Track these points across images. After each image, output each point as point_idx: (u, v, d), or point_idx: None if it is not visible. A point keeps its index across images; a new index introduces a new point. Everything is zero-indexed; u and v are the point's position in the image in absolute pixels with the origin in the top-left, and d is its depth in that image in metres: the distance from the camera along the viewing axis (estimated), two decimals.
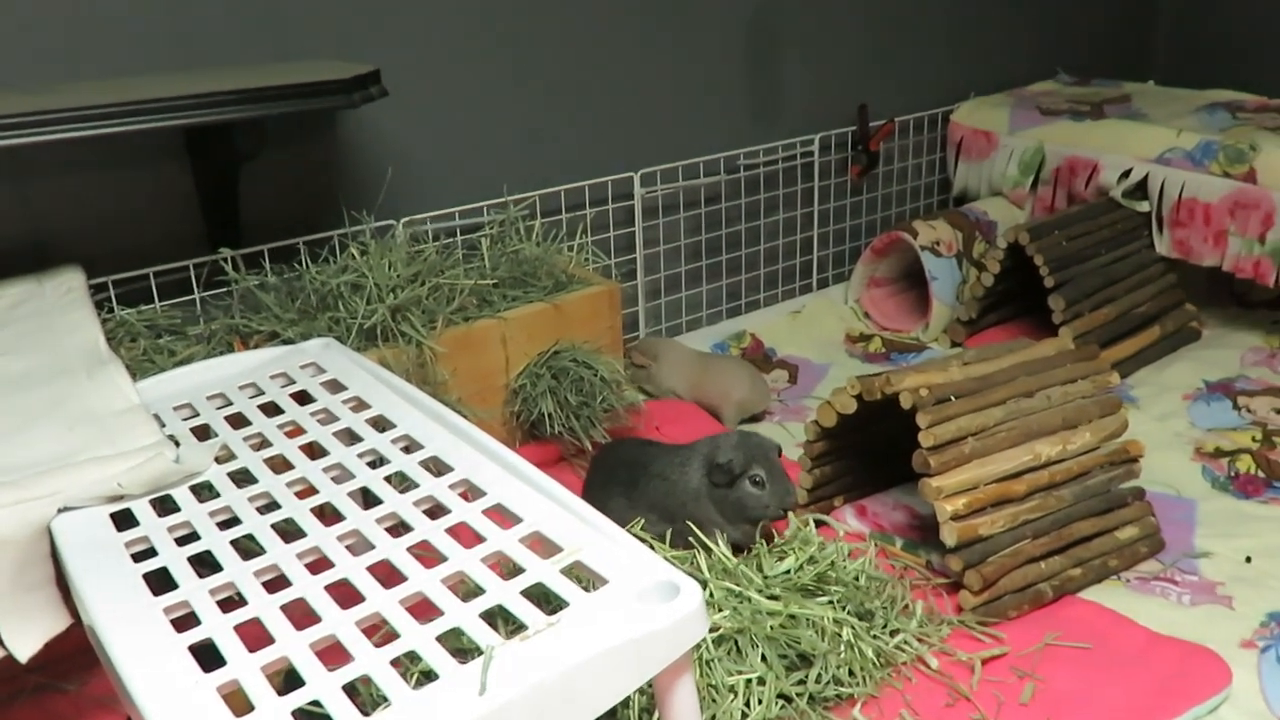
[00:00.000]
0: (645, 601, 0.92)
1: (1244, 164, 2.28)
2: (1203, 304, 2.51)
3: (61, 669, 1.42)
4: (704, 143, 2.43)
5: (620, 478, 1.66)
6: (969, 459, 1.53)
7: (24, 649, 1.13)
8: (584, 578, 0.98)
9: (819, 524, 1.55)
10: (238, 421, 1.31)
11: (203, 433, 1.30)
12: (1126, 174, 2.46)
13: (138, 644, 0.92)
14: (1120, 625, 1.49)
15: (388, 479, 1.16)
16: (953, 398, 1.57)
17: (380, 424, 1.28)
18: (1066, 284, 2.27)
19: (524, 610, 0.92)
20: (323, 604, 0.96)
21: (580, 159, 2.26)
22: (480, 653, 0.86)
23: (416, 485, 1.14)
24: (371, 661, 0.88)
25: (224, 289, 1.79)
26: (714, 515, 1.55)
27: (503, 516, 1.07)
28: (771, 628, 1.29)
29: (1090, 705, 1.34)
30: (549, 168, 2.22)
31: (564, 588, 0.95)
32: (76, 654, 1.32)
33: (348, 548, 1.04)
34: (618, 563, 0.97)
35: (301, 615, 0.94)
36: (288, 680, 0.87)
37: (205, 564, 1.04)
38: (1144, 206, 2.45)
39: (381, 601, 0.95)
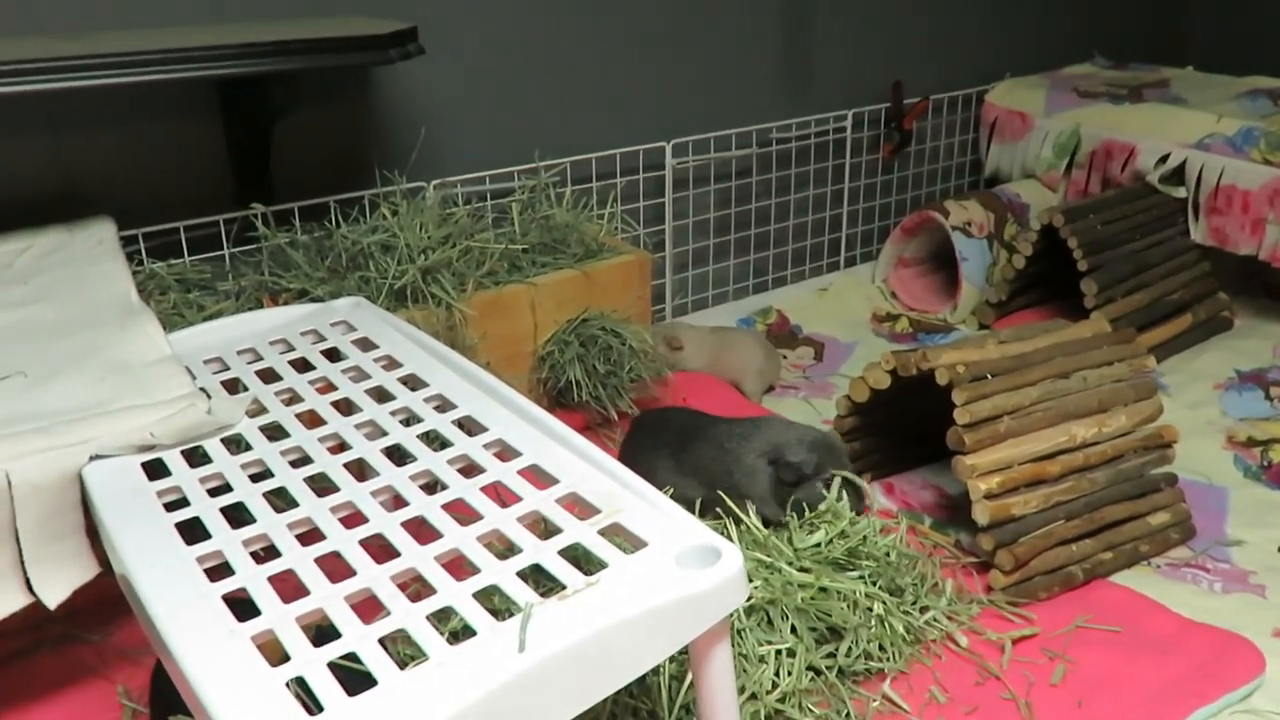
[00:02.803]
0: (685, 565, 0.91)
1: None
2: (1234, 294, 2.48)
3: (85, 619, 1.42)
4: (737, 114, 2.40)
5: (669, 440, 1.63)
6: (1004, 438, 1.51)
7: (53, 596, 1.12)
8: (622, 540, 0.96)
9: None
10: (268, 376, 1.31)
11: (233, 386, 1.29)
12: (1164, 159, 2.43)
13: (172, 593, 0.91)
14: (1151, 610, 1.48)
15: (420, 437, 1.15)
16: (989, 376, 1.55)
17: (412, 383, 1.27)
18: (1100, 268, 2.24)
19: (562, 570, 0.91)
20: (357, 558, 0.95)
21: (612, 127, 2.24)
22: (515, 613, 0.85)
23: (450, 444, 1.12)
24: (408, 616, 0.87)
25: (254, 245, 1.77)
26: (764, 494, 1.52)
27: (538, 477, 1.06)
28: (802, 600, 1.28)
29: (1122, 689, 1.33)
30: (581, 134, 2.20)
31: (602, 549, 0.94)
32: (101, 604, 1.32)
33: (381, 504, 1.04)
34: (657, 526, 0.96)
35: (335, 569, 0.93)
36: (318, 636, 0.86)
37: (237, 516, 1.03)
38: (1180, 192, 2.41)
39: (417, 557, 0.94)
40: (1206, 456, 1.90)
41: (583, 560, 0.95)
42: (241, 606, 0.89)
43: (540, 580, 0.94)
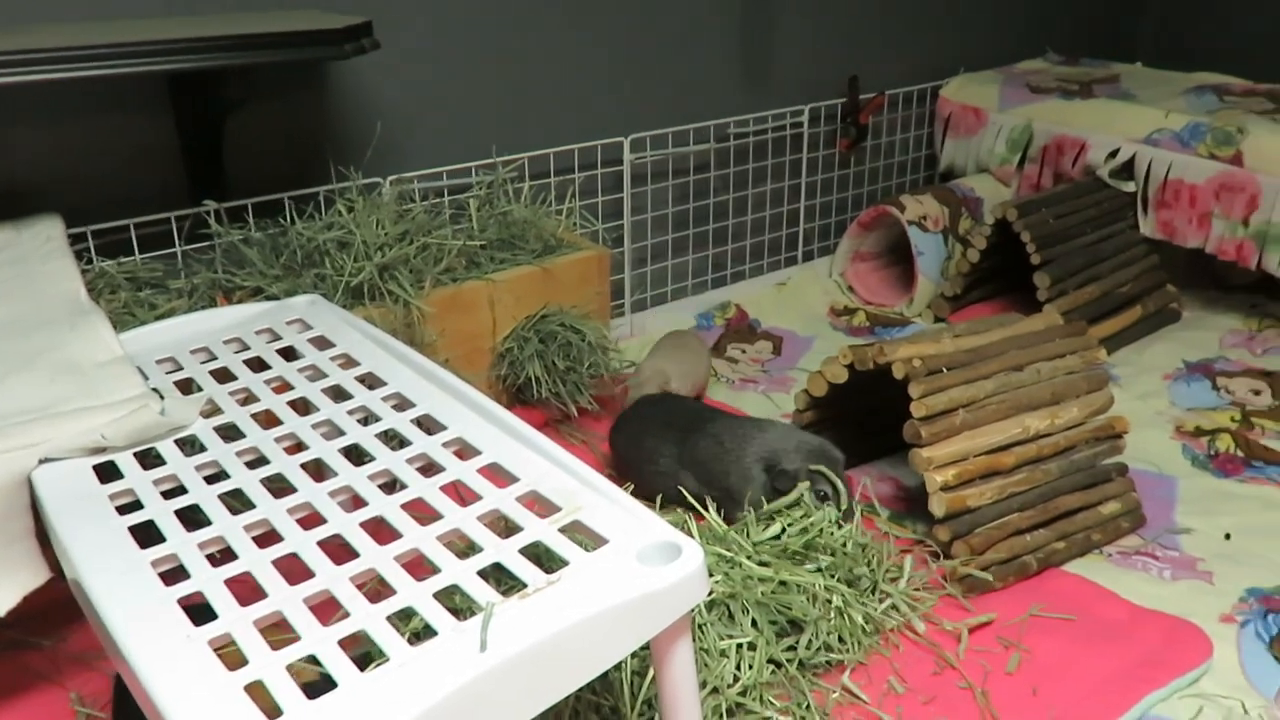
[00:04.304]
0: (646, 562, 0.91)
1: (1231, 147, 2.29)
2: (1182, 286, 2.53)
3: (37, 625, 1.39)
4: (694, 110, 2.41)
5: (674, 426, 1.65)
6: (959, 430, 1.53)
7: (3, 602, 1.11)
8: (583, 537, 0.96)
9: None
10: (223, 376, 1.29)
11: (186, 387, 1.27)
12: (1114, 154, 2.47)
13: (126, 598, 0.90)
14: (1103, 598, 1.50)
15: (379, 436, 1.14)
16: (945, 369, 1.56)
17: (370, 381, 1.26)
18: (1052, 262, 2.27)
19: (523, 569, 0.91)
20: (315, 559, 0.94)
21: (570, 122, 2.23)
22: (476, 612, 0.85)
23: (409, 443, 1.12)
24: (367, 617, 0.86)
25: (207, 243, 1.75)
26: (756, 500, 1.52)
27: (498, 475, 1.06)
28: (762, 594, 1.29)
29: (1075, 675, 1.35)
30: (538, 130, 2.19)
31: (563, 547, 0.94)
32: (52, 609, 1.30)
33: (339, 504, 1.03)
34: (618, 523, 0.96)
35: (294, 571, 0.93)
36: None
37: (192, 519, 1.02)
38: (1130, 187, 2.45)
39: (376, 558, 0.94)
40: (1156, 446, 1.94)
41: (544, 558, 0.95)
42: (198, 610, 0.88)
43: (501, 579, 0.94)
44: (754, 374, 2.25)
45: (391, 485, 1.06)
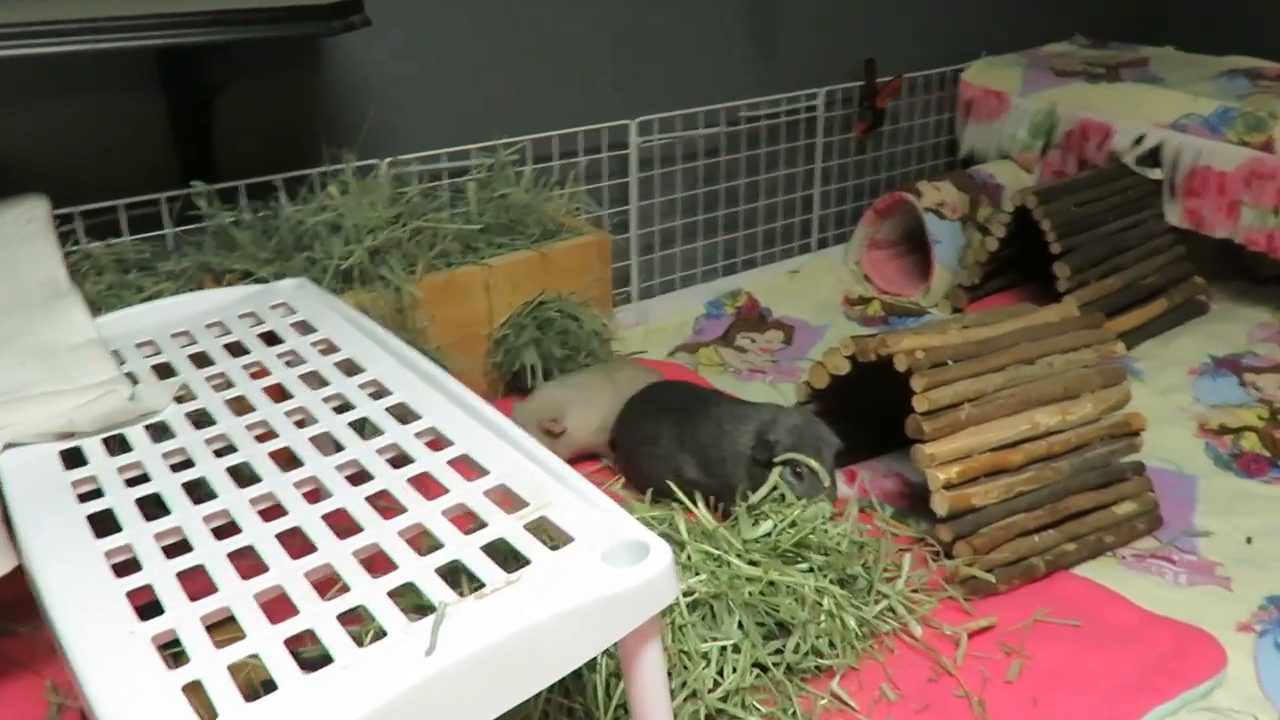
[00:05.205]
0: (612, 562, 0.87)
1: (1263, 133, 2.20)
2: (1210, 277, 2.44)
3: (13, 611, 1.37)
4: (704, 92, 2.35)
5: (676, 408, 1.62)
6: (965, 426, 1.47)
7: None
8: (550, 534, 0.92)
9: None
10: (201, 360, 1.26)
11: (164, 371, 1.24)
12: (1140, 139, 2.38)
13: (73, 589, 0.87)
14: (1113, 603, 1.44)
15: (352, 425, 1.10)
16: (950, 362, 1.51)
17: (349, 368, 1.23)
18: (1073, 251, 2.20)
19: (483, 567, 0.87)
20: (272, 553, 0.91)
21: (575, 104, 2.18)
22: (434, 611, 0.81)
23: (381, 432, 1.08)
24: (316, 615, 0.83)
25: (197, 225, 1.72)
26: (746, 483, 1.49)
27: (468, 468, 1.02)
28: (750, 594, 1.24)
29: (1079, 685, 1.29)
30: (542, 111, 2.14)
31: (527, 544, 0.90)
32: (28, 596, 1.28)
33: (304, 495, 0.99)
34: (586, 520, 0.92)
35: (248, 564, 0.89)
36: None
37: (154, 507, 0.99)
38: (1156, 174, 2.37)
39: (333, 553, 0.90)
40: (1177, 444, 1.86)
41: (508, 555, 0.91)
42: (151, 604, 0.85)
43: (465, 576, 0.90)
44: (762, 364, 2.20)
45: (359, 476, 1.02)
